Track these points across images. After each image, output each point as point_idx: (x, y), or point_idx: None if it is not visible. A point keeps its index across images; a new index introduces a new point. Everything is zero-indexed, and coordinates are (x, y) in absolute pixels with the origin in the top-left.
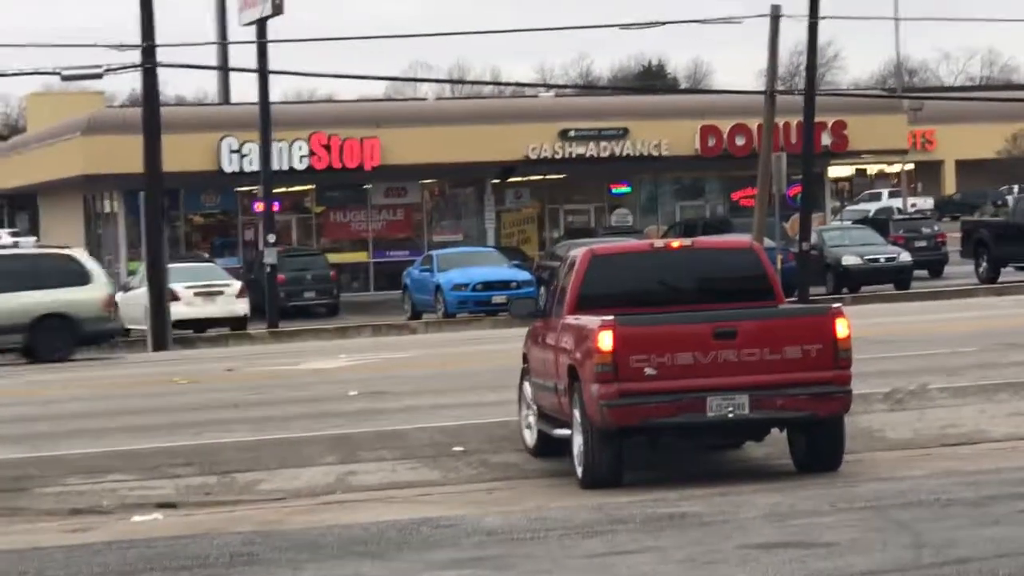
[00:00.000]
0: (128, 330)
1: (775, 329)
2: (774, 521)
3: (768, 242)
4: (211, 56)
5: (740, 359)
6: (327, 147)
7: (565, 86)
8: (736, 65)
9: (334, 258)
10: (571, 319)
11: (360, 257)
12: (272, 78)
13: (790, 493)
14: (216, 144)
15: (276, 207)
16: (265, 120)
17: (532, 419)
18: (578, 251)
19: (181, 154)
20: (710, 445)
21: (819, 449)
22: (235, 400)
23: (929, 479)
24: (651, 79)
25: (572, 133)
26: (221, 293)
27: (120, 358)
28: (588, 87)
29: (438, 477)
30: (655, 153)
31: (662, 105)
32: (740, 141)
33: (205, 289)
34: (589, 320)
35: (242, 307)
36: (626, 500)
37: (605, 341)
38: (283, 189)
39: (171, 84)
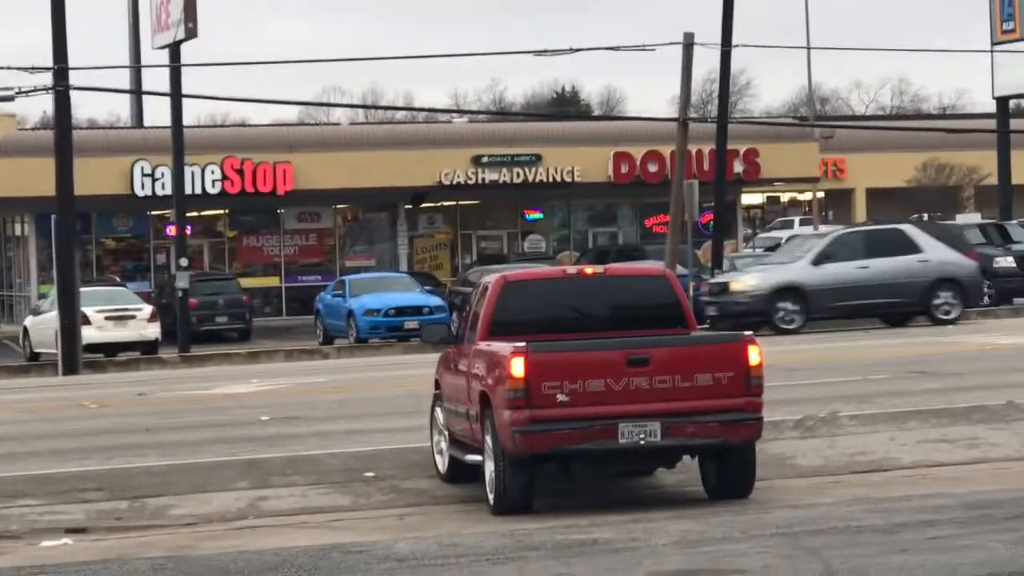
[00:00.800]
0: (38, 354)
1: (687, 356)
2: (685, 548)
3: (681, 269)
4: (124, 79)
5: (652, 386)
6: (240, 171)
7: (478, 112)
8: (649, 92)
9: (246, 282)
10: (483, 345)
11: (272, 282)
12: (186, 102)
13: (702, 520)
14: (129, 167)
15: (188, 231)
16: (178, 144)
17: (444, 445)
18: (491, 277)
19: (93, 177)
20: (622, 472)
21: (730, 476)
22: (146, 425)
23: (839, 506)
24: (565, 105)
25: (485, 159)
26: (132, 317)
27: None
28: (501, 113)
29: (349, 503)
30: (568, 179)
31: (575, 132)
32: (653, 168)
33: (116, 313)
34: (501, 346)
35: (153, 331)
36: (537, 527)
37: (517, 367)
38: (195, 213)
39: (84, 107)
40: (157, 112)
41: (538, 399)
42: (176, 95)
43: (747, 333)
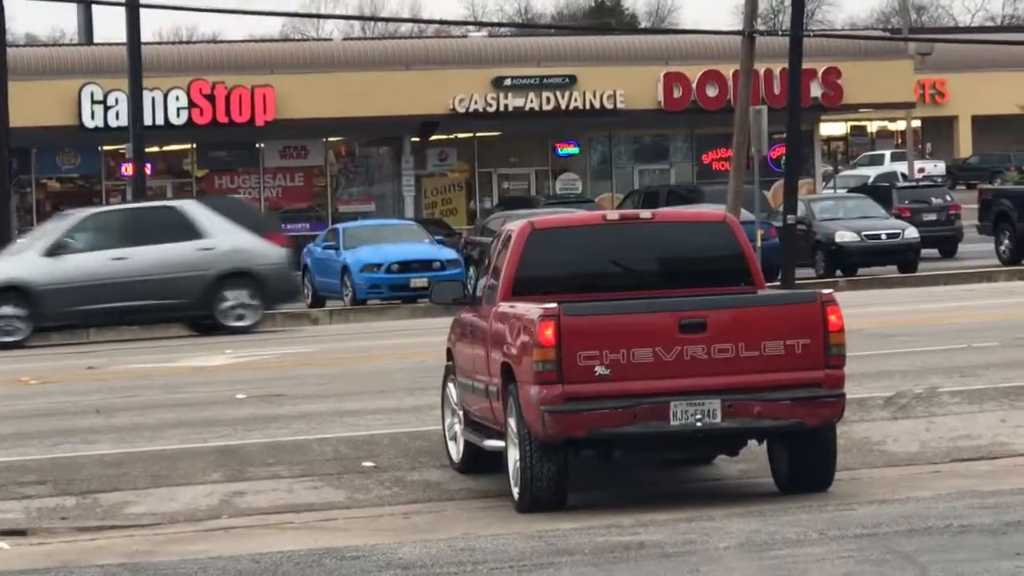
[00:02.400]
0: None
1: (753, 320)
2: (751, 552)
3: (746, 214)
4: None
5: (711, 356)
6: (210, 97)
7: (500, 24)
8: (707, 0)
9: None
10: (505, 307)
11: None
12: (145, 13)
13: (771, 518)
14: (76, 93)
15: (148, 170)
16: (135, 64)
17: (459, 428)
18: (515, 224)
19: (32, 105)
20: (674, 460)
21: (806, 465)
22: (97, 405)
23: (938, 501)
24: (604, 16)
25: (508, 81)
26: None
27: None
28: (528, 25)
29: (344, 498)
30: (609, 106)
31: (617, 48)
32: (712, 92)
33: None
34: (527, 308)
35: None
36: (572, 527)
37: (547, 334)
38: (157, 148)
39: (20, 19)
40: (110, 26)
41: (572, 372)
42: (133, 4)
43: (826, 291)
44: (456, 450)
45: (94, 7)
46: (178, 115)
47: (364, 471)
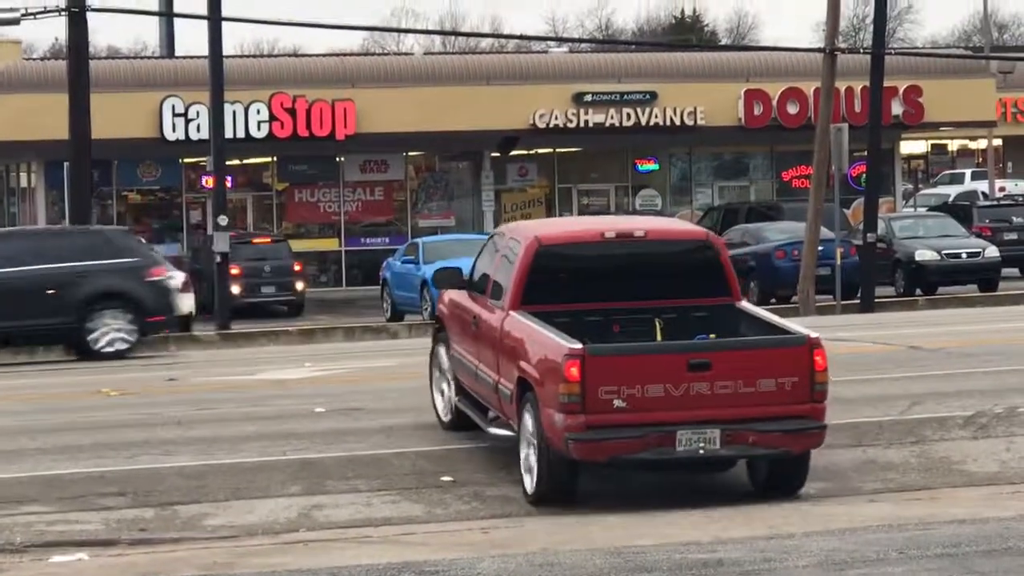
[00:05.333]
0: None
1: (751, 360)
2: (830, 571)
3: (825, 232)
4: (152, 0)
5: (713, 392)
6: (291, 111)
7: (581, 40)
8: (788, 16)
9: (298, 246)
10: (523, 321)
11: (330, 245)
12: (227, 26)
13: (850, 537)
14: (157, 106)
15: (229, 183)
16: (217, 77)
17: (447, 388)
18: (517, 231)
19: (115, 117)
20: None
21: (783, 474)
22: (177, 416)
23: (1018, 522)
24: (685, 33)
25: (589, 97)
26: None
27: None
28: (608, 41)
29: (422, 513)
30: (689, 122)
31: (698, 64)
32: (792, 109)
33: None
34: (552, 341)
35: (186, 304)
36: (650, 543)
37: (573, 371)
38: (237, 161)
39: (103, 32)
40: (192, 39)
41: (594, 404)
42: (215, 18)
43: (814, 335)
44: (443, 407)
45: (176, 20)
46: (259, 128)
47: (443, 485)
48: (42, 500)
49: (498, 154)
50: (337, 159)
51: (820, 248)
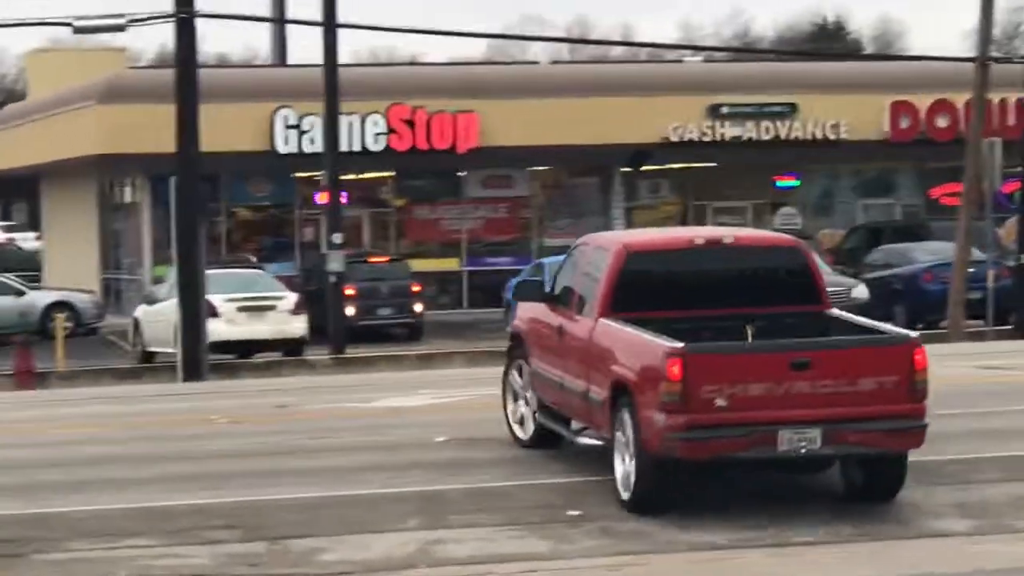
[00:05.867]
0: (152, 353)
1: (852, 359)
2: None
3: (977, 253)
4: (264, 5)
5: (814, 391)
6: (410, 123)
7: (717, 48)
8: (937, 24)
9: (417, 265)
10: (615, 325)
11: (450, 264)
12: (342, 34)
13: None
14: (269, 117)
15: (344, 199)
16: (331, 87)
17: (526, 411)
18: (600, 239)
19: (224, 129)
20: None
21: (882, 477)
22: (289, 446)
23: None
24: (827, 41)
25: (725, 109)
26: (272, 308)
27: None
28: (746, 50)
29: (548, 549)
30: (832, 136)
31: (841, 75)
32: (942, 123)
33: (252, 303)
34: (652, 341)
35: (298, 326)
36: None
37: (674, 370)
38: (353, 176)
39: (212, 39)
40: (305, 47)
41: (696, 404)
42: (330, 24)
43: (914, 335)
44: (523, 432)
45: (289, 27)
46: (376, 141)
47: (570, 520)
48: (147, 533)
49: (629, 169)
50: (458, 174)
51: (971, 270)
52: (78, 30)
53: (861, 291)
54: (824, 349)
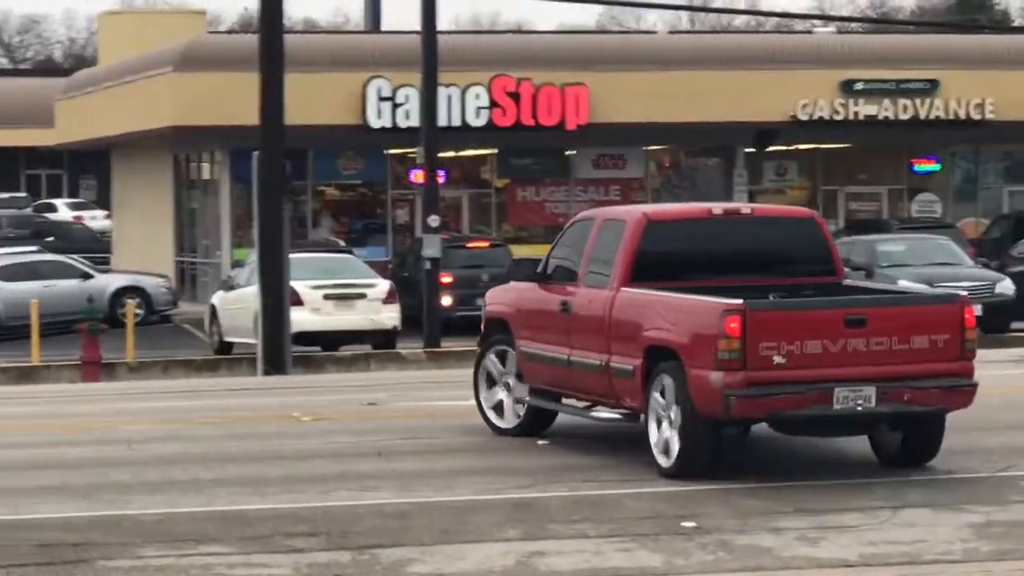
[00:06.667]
0: (230, 344)
1: (905, 317)
2: None
3: None
4: None
5: (868, 348)
6: (515, 96)
7: (851, 19)
8: None
9: (520, 251)
10: (645, 292)
11: None
12: None
13: None
14: (360, 88)
15: (441, 178)
16: (430, 57)
17: (505, 398)
18: (615, 214)
19: (311, 101)
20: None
21: (920, 441)
22: (378, 446)
23: None
24: (971, 12)
25: (859, 86)
26: (362, 297)
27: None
28: (883, 21)
29: (660, 563)
30: (976, 116)
31: (987, 49)
32: None
33: (340, 291)
34: (702, 300)
35: (390, 317)
36: None
37: (733, 326)
38: (452, 153)
39: (299, 2)
40: (400, 12)
41: (754, 360)
42: None
43: (962, 294)
44: (505, 418)
45: None
46: (477, 116)
47: (684, 532)
48: (222, 539)
49: (753, 150)
50: (566, 152)
51: None
52: None
53: (1007, 286)
54: (878, 306)
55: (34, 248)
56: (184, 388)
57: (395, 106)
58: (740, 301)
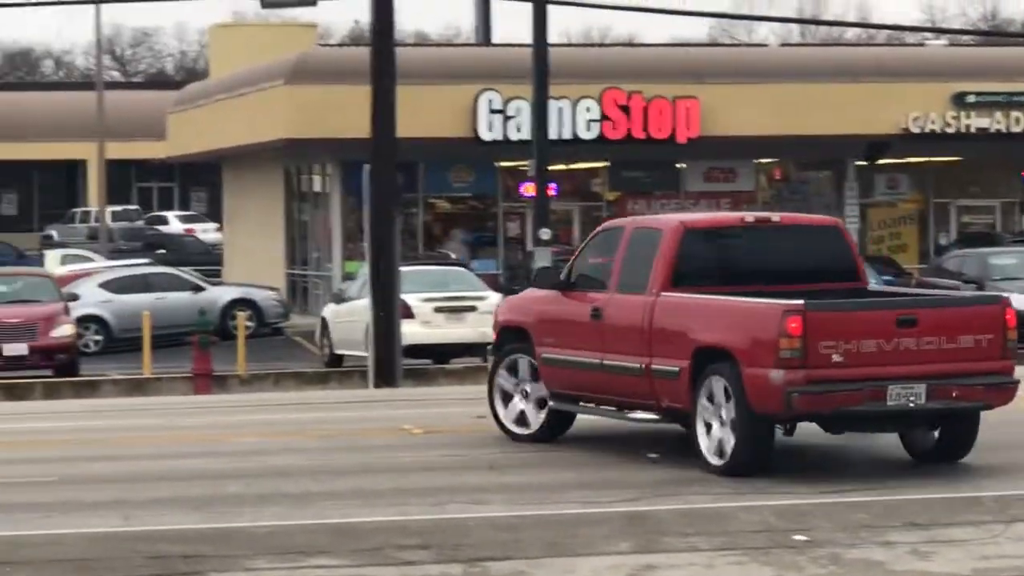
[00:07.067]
0: (341, 356)
1: (953, 317)
2: None
3: None
4: None
5: (919, 347)
6: (626, 109)
7: (963, 31)
8: None
9: None
10: (691, 297)
11: None
12: (553, 11)
13: None
14: (471, 101)
15: (553, 191)
16: (541, 69)
17: (522, 404)
18: (648, 222)
19: (423, 114)
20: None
21: (954, 439)
22: (489, 459)
23: None
24: None
25: (972, 98)
26: (473, 310)
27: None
28: (995, 33)
29: None
30: None
31: None
32: None
33: (451, 303)
34: (758, 302)
35: None
36: None
37: (794, 326)
38: (563, 166)
39: (410, 14)
40: (511, 24)
41: (815, 359)
42: (540, 1)
43: (1004, 295)
44: (522, 427)
45: (494, 2)
46: (588, 128)
47: (796, 545)
48: (333, 552)
49: (864, 163)
50: (677, 165)
51: None
52: (266, 4)
53: None
54: (928, 307)
55: (146, 260)
56: (295, 400)
57: (506, 119)
58: (801, 302)
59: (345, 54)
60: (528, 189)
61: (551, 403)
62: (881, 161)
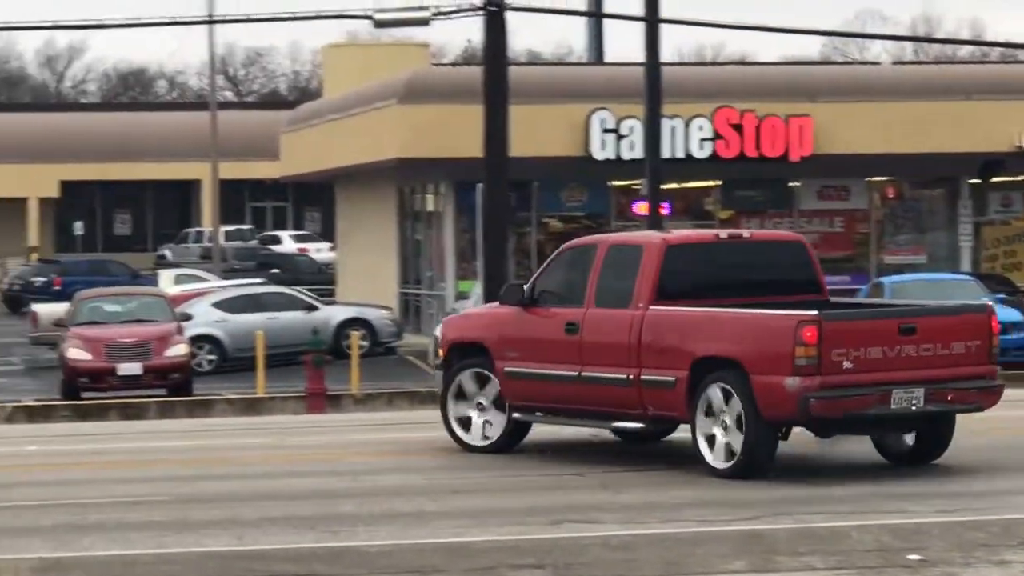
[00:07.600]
0: None
1: (949, 325)
2: None
3: None
4: None
5: (918, 354)
6: (738, 128)
7: None
8: None
9: None
10: (691, 311)
11: None
12: (665, 30)
13: None
14: (584, 120)
15: (665, 209)
16: (653, 88)
17: (476, 416)
18: (625, 239)
19: (535, 133)
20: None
21: (931, 441)
22: (599, 479)
23: None
24: None
25: None
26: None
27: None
28: None
29: None
30: None
31: None
32: None
33: None
34: (770, 313)
35: None
36: None
37: (809, 335)
38: (675, 185)
39: (522, 34)
40: (623, 43)
41: (828, 366)
42: (652, 19)
43: (990, 303)
44: (476, 435)
45: (606, 22)
46: (701, 147)
47: (910, 564)
48: (447, 571)
49: (978, 180)
50: (790, 184)
51: None
52: (379, 23)
53: None
54: (926, 316)
55: (259, 280)
56: (409, 420)
57: (619, 137)
58: (815, 312)
59: (458, 73)
60: (641, 208)
61: (515, 415)
62: (995, 179)
